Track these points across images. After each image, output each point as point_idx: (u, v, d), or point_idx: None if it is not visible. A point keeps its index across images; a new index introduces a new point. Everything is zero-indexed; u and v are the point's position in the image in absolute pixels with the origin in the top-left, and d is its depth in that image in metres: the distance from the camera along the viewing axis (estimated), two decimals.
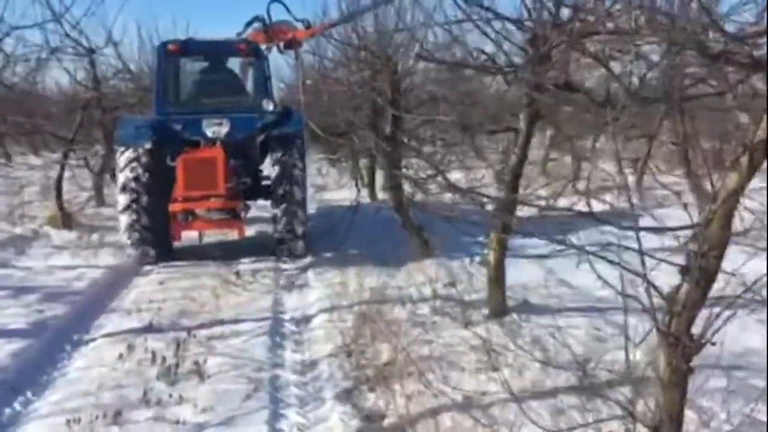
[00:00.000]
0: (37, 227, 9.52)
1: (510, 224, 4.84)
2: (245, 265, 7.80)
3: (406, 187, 7.52)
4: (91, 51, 11.26)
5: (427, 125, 7.10)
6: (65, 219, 9.58)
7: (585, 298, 5.86)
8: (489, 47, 4.22)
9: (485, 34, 4.02)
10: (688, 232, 3.09)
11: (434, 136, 6.42)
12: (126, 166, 7.62)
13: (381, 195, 12.36)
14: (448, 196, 7.35)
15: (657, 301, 2.94)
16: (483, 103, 4.73)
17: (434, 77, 7.35)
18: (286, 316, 6.00)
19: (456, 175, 7.99)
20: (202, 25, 33.15)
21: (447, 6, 4.37)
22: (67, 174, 10.97)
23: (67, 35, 10.56)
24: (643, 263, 3.05)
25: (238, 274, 7.29)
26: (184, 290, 6.71)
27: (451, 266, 7.12)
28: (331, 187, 15.04)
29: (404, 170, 7.34)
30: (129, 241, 7.76)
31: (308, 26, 8.68)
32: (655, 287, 3.09)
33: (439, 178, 5.67)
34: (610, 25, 2.87)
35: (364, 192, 12.48)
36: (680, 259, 3.12)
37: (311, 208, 10.20)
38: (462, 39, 4.53)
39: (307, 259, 8.14)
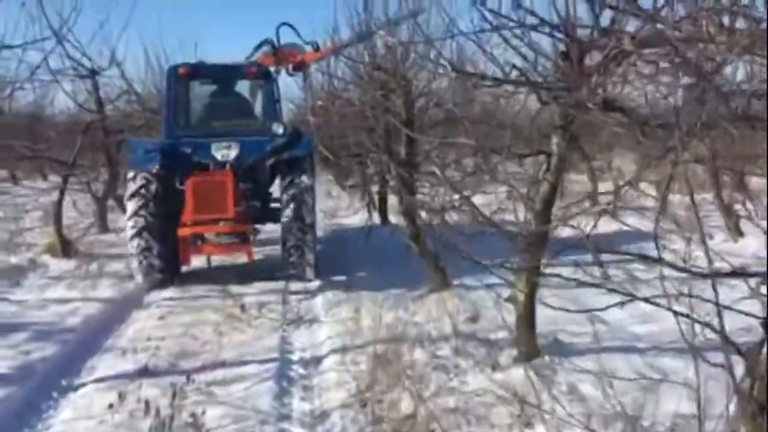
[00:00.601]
0: (35, 256, 9.11)
1: (540, 258, 4.37)
2: (251, 296, 7.34)
3: (422, 213, 7.05)
4: (93, 72, 10.91)
5: (448, 148, 6.63)
6: (64, 247, 9.16)
7: (621, 335, 5.36)
8: (517, 60, 3.77)
9: (514, 48, 3.59)
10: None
11: (454, 160, 5.93)
12: (135, 191, 7.53)
13: (393, 219, 11.92)
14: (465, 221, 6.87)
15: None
16: (508, 124, 4.24)
17: (451, 97, 6.92)
18: (294, 357, 5.51)
19: (477, 200, 7.52)
20: (210, 45, 33.03)
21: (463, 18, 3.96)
22: (69, 199, 10.62)
23: (69, 56, 10.27)
24: (719, 315, 2.56)
25: (243, 307, 6.82)
26: (185, 326, 6.24)
27: (471, 298, 6.62)
28: (342, 210, 14.59)
29: (420, 195, 6.86)
30: (137, 266, 7.61)
31: (317, 49, 8.77)
32: (733, 343, 2.59)
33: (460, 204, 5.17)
34: (676, 33, 2.39)
35: (376, 216, 12.10)
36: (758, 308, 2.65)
37: (320, 232, 9.81)
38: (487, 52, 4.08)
39: (316, 284, 7.77)
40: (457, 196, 5.85)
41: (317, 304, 7.11)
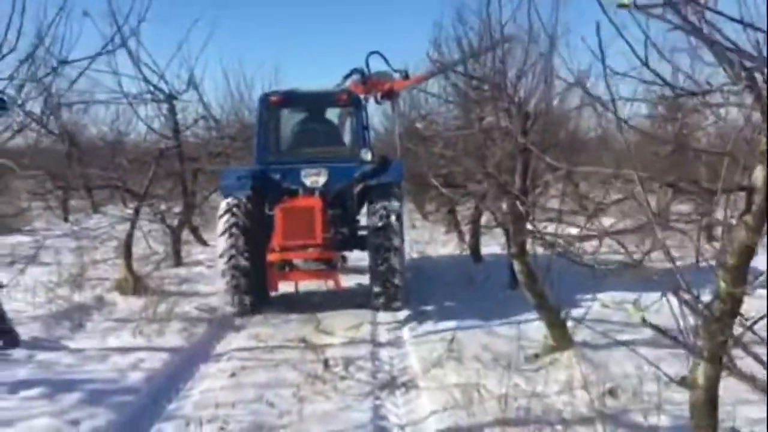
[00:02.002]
0: (103, 293, 8.44)
1: (730, 333, 3.16)
2: (335, 348, 6.37)
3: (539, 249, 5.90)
4: (171, 97, 10.36)
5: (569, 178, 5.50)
6: (135, 283, 8.46)
7: None
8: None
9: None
10: None
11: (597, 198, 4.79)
12: (227, 211, 7.59)
13: (485, 251, 10.81)
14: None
15: None
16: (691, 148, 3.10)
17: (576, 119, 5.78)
18: None
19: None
20: (290, 69, 33.00)
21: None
22: (145, 229, 10.02)
23: (145, 80, 9.74)
24: None
25: (326, 363, 5.82)
26: (259, 388, 5.28)
27: (601, 361, 5.41)
28: (426, 243, 13.52)
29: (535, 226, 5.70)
30: (226, 287, 7.60)
31: (406, 77, 9.05)
32: None
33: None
34: None
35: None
36: None
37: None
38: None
39: (406, 318, 6.88)
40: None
41: (411, 360, 6.05)
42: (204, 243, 12.96)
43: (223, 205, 7.66)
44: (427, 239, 13.84)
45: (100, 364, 5.79)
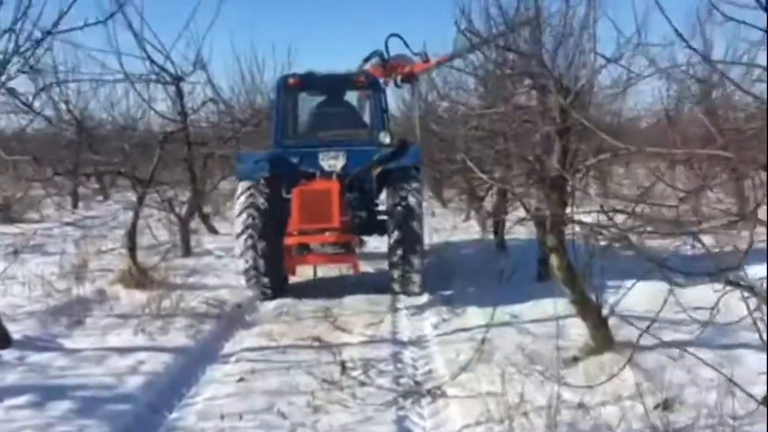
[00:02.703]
0: (106, 286, 7.96)
1: None
2: (353, 347, 5.85)
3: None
4: (178, 78, 9.81)
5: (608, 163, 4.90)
6: (140, 276, 7.97)
7: None
8: None
9: None
10: None
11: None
12: (243, 192, 7.57)
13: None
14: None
15: None
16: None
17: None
18: None
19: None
20: (303, 49, 32.37)
21: None
22: (151, 218, 9.52)
23: (150, 60, 9.20)
24: None
25: (343, 366, 5.30)
26: (269, 396, 4.75)
27: (650, 367, 4.83)
28: (446, 229, 12.95)
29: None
30: (244, 267, 7.55)
31: (426, 60, 8.90)
32: None
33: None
34: None
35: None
36: None
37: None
38: None
39: (431, 335, 6.17)
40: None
41: (437, 363, 5.51)
42: (215, 232, 12.48)
43: (241, 186, 7.64)
44: (446, 227, 13.28)
45: (97, 366, 5.28)
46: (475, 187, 10.83)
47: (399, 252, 7.46)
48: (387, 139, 7.95)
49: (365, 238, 8.44)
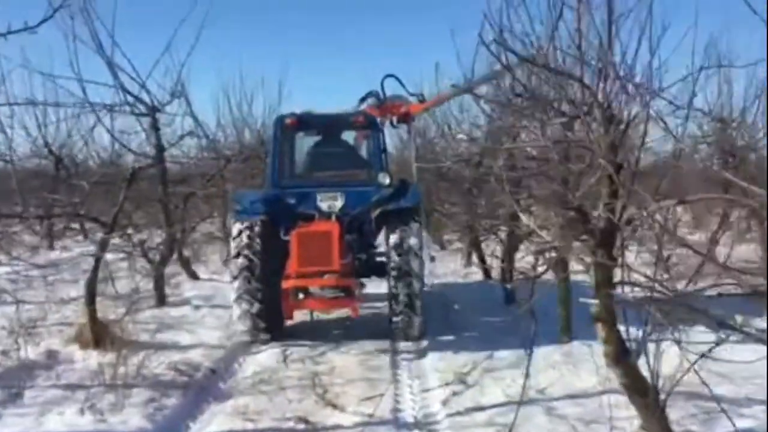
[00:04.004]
0: (61, 345, 6.88)
1: None
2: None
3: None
4: (154, 109, 8.86)
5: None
6: (98, 333, 6.87)
7: None
8: None
9: None
10: None
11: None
12: (239, 234, 7.37)
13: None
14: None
15: None
16: None
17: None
18: None
19: None
20: (295, 89, 31.89)
21: None
22: (113, 266, 8.47)
23: (123, 89, 8.28)
24: None
25: None
26: None
27: None
28: (444, 272, 11.99)
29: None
30: (239, 312, 7.25)
31: (422, 100, 8.99)
32: None
33: None
34: None
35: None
36: None
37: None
38: None
39: (442, 415, 5.11)
40: None
41: None
42: (195, 277, 11.39)
43: (236, 228, 7.48)
44: (446, 272, 12.27)
45: None
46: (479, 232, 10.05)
47: (399, 294, 7.24)
48: (386, 180, 7.65)
49: (364, 280, 8.09)
